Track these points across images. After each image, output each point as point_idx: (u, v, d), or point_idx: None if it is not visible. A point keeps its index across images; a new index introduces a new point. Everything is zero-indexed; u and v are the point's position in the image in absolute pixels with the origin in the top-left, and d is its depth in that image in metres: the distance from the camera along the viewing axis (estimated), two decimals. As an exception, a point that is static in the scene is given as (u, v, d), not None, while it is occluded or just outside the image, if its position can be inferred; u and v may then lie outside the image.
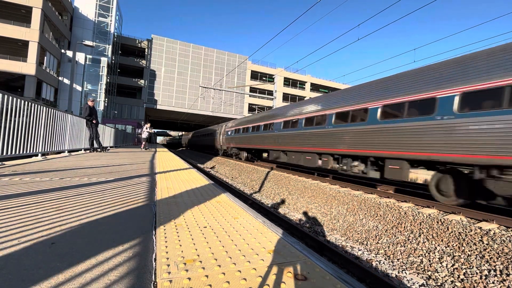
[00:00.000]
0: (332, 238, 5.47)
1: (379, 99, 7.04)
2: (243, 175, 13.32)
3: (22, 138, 4.90)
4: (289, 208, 7.76)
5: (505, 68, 4.60)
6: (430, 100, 5.73)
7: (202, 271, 1.22)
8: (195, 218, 2.06)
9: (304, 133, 10.20)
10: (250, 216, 2.24)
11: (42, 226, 1.64)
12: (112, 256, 1.31)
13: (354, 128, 7.67)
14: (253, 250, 1.51)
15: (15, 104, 4.57)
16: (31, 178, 3.35)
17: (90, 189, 2.88)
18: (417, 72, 6.36)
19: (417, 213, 5.36)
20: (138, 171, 4.80)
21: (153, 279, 1.12)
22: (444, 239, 4.47)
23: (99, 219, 1.87)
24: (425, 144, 5.67)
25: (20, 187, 2.75)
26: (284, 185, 9.68)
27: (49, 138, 6.12)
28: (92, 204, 2.23)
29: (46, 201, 2.22)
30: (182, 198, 2.77)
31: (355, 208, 6.42)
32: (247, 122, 16.88)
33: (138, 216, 2.00)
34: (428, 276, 3.80)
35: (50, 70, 26.99)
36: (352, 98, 8.05)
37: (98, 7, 32.89)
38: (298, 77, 51.19)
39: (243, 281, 1.16)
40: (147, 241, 1.54)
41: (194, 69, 42.68)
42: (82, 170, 4.37)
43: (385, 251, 4.67)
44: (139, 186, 3.28)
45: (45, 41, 25.07)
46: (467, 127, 4.98)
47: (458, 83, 5.28)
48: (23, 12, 24.67)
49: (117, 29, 36.54)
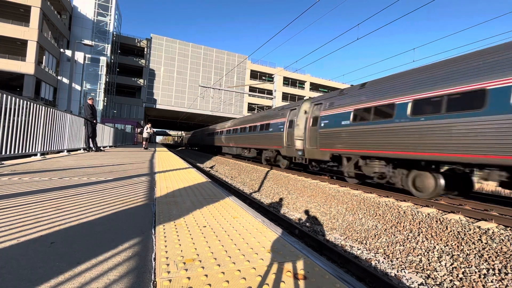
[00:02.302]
0: (332, 237, 5.47)
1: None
2: (242, 174, 13.32)
3: (21, 138, 4.89)
4: (289, 208, 7.76)
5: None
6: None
7: (201, 270, 1.22)
8: (195, 218, 2.07)
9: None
10: (249, 216, 2.24)
11: (41, 225, 1.64)
12: (111, 255, 1.31)
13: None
14: (252, 250, 1.51)
15: (14, 103, 4.56)
16: (30, 177, 3.34)
17: (90, 188, 2.87)
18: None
19: (416, 212, 5.37)
20: (138, 170, 4.79)
21: (153, 279, 1.12)
22: (443, 238, 4.48)
23: (98, 218, 1.86)
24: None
25: (19, 186, 2.74)
26: (284, 184, 9.69)
27: (48, 137, 6.10)
28: (91, 204, 2.22)
29: (45, 201, 2.22)
30: (181, 198, 2.76)
31: (354, 208, 6.43)
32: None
33: (137, 216, 2.00)
34: (427, 275, 3.82)
35: (49, 70, 26.91)
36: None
37: (97, 6, 32.79)
38: (298, 77, 51.18)
39: (243, 280, 1.16)
40: (147, 240, 1.54)
41: (194, 68, 42.62)
42: (82, 170, 4.36)
43: (384, 250, 4.68)
44: (138, 185, 3.28)
45: (44, 40, 24.99)
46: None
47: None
48: (22, 11, 24.59)
49: (116, 28, 36.45)
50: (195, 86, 41.53)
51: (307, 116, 9.62)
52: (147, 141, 15.42)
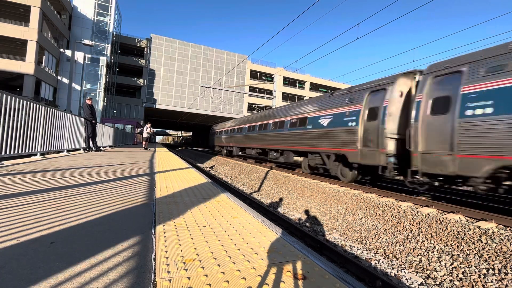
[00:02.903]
0: (332, 237, 5.48)
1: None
2: (242, 174, 13.32)
3: (21, 138, 4.89)
4: (289, 208, 7.76)
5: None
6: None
7: (201, 270, 1.22)
8: (195, 218, 2.07)
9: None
10: (249, 216, 2.24)
11: (41, 225, 1.64)
12: (111, 255, 1.31)
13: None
14: (252, 250, 1.51)
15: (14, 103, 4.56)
16: (30, 177, 3.34)
17: (90, 188, 2.87)
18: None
19: (416, 212, 5.37)
20: (138, 170, 4.79)
21: (153, 279, 1.12)
22: (443, 238, 4.49)
23: (98, 218, 1.86)
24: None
25: (19, 186, 2.74)
26: (284, 184, 9.69)
27: (48, 137, 6.10)
28: (91, 204, 2.22)
29: (45, 201, 2.22)
30: (181, 198, 2.76)
31: (354, 207, 6.43)
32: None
33: (137, 216, 2.00)
34: (427, 275, 3.82)
35: (49, 69, 26.90)
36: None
37: (97, 6, 32.78)
38: (298, 77, 51.17)
39: (243, 280, 1.16)
40: (147, 240, 1.54)
41: (194, 68, 42.61)
42: (81, 170, 4.36)
43: (384, 250, 4.68)
44: (138, 185, 3.28)
45: (43, 40, 24.99)
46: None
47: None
48: (21, 11, 24.57)
49: (116, 28, 36.43)
50: (195, 86, 41.52)
51: (423, 96, 5.93)
52: (147, 141, 15.44)
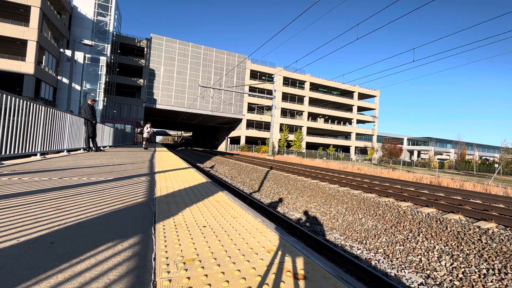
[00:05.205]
0: (332, 237, 5.47)
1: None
2: (242, 174, 13.32)
3: (21, 138, 4.89)
4: (289, 208, 7.76)
5: None
6: None
7: (201, 270, 1.22)
8: (195, 218, 2.06)
9: None
10: (249, 216, 2.24)
11: (41, 225, 1.64)
12: (111, 255, 1.31)
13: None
14: (252, 250, 1.51)
15: (14, 103, 4.56)
16: (30, 177, 3.34)
17: (89, 188, 2.87)
18: None
19: (416, 212, 5.37)
20: (138, 170, 4.79)
21: (153, 279, 1.12)
22: (443, 238, 4.48)
23: (98, 218, 1.86)
24: None
25: (19, 186, 2.74)
26: (284, 184, 9.69)
27: (48, 137, 6.10)
28: (91, 204, 2.22)
29: (45, 201, 2.22)
30: (181, 198, 2.76)
31: (354, 208, 6.43)
32: None
33: (137, 216, 2.00)
34: (427, 275, 3.82)
35: (49, 69, 26.90)
36: None
37: (97, 6, 32.78)
38: (298, 77, 51.18)
39: (243, 280, 1.16)
40: (147, 240, 1.54)
41: (194, 68, 42.62)
42: (81, 170, 4.36)
43: (384, 250, 4.68)
44: (138, 185, 3.28)
45: (43, 40, 24.98)
46: None
47: None
48: (21, 11, 24.57)
49: (116, 28, 36.42)
50: (195, 86, 41.52)
51: None
52: (147, 141, 15.45)
